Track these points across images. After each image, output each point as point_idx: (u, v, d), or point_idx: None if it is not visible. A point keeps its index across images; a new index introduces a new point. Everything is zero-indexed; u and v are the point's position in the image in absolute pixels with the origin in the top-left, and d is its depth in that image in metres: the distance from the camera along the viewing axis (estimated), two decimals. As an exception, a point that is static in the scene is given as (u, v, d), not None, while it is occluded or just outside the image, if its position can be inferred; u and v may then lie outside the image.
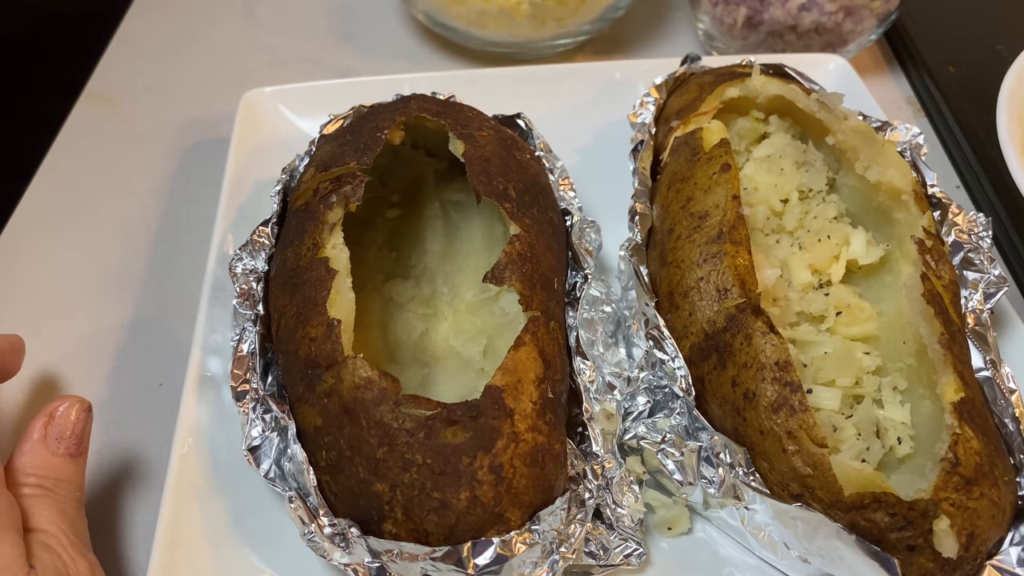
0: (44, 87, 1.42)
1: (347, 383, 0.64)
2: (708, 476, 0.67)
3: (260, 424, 0.70)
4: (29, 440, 0.68)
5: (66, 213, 1.08)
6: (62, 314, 0.97)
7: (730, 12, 1.19)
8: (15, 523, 0.61)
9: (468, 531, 0.61)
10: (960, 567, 0.61)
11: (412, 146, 0.93)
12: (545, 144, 0.92)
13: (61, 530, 0.64)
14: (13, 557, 0.58)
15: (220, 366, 0.81)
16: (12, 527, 0.60)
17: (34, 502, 0.65)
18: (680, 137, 0.88)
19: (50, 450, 0.68)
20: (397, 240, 0.91)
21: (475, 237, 0.89)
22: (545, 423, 0.65)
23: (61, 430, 0.69)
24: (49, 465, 0.67)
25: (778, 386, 0.64)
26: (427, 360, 0.82)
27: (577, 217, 0.84)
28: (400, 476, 0.61)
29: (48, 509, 0.65)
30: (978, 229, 0.81)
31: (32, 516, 0.64)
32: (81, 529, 0.67)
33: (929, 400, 0.70)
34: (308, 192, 0.80)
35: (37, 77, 1.44)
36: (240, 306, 0.76)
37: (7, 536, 0.59)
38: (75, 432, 0.69)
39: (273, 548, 0.72)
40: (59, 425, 0.69)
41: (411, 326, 0.84)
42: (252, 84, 1.10)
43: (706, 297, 0.72)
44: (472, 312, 0.83)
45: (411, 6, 1.26)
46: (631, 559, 0.69)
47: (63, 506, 0.66)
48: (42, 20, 1.50)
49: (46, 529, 0.64)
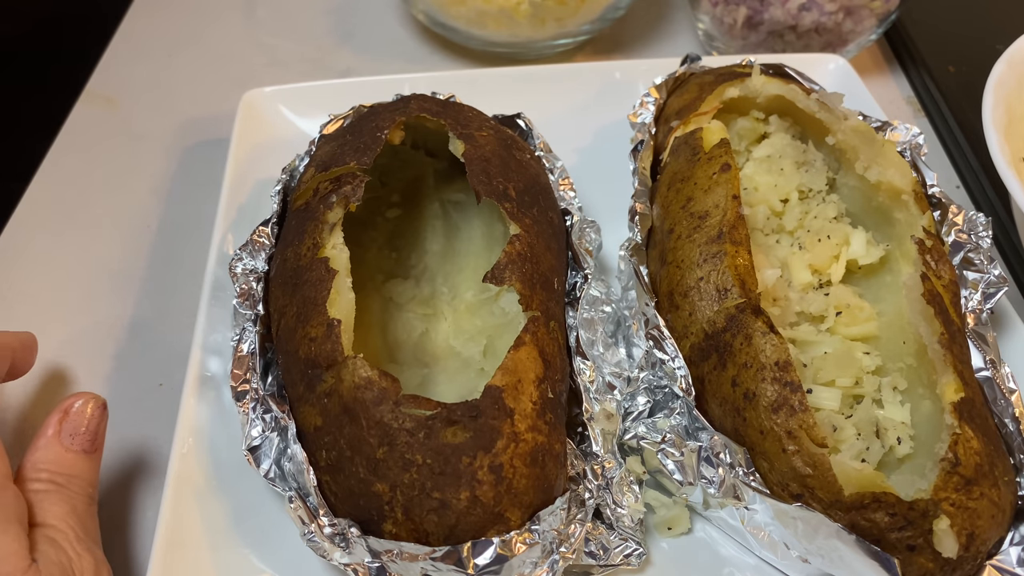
0: (44, 87, 1.42)
1: (347, 383, 0.64)
2: (708, 476, 0.67)
3: (260, 424, 0.70)
4: (44, 436, 0.68)
5: (66, 213, 1.08)
6: (62, 314, 0.97)
7: (730, 12, 1.19)
8: (20, 516, 0.61)
9: (468, 531, 0.61)
10: (960, 567, 0.61)
11: (412, 146, 0.93)
12: (545, 144, 0.92)
13: (69, 526, 0.64)
14: (14, 549, 0.58)
15: (220, 366, 0.81)
16: (16, 519, 0.60)
17: (44, 497, 0.65)
18: (680, 137, 0.88)
19: (64, 446, 0.68)
20: (397, 240, 0.91)
21: (475, 237, 0.89)
22: (545, 423, 0.65)
23: (76, 426, 0.69)
24: (63, 460, 0.68)
25: (778, 386, 0.64)
26: (427, 360, 0.82)
27: (577, 217, 0.84)
28: (400, 476, 0.61)
29: (58, 504, 0.65)
30: (978, 229, 0.81)
31: (41, 511, 0.64)
32: (91, 526, 0.68)
33: (929, 400, 0.70)
34: (308, 192, 0.80)
35: (38, 77, 1.44)
36: (240, 306, 0.76)
37: (10, 528, 0.59)
38: (89, 428, 0.70)
39: (273, 548, 0.72)
40: (74, 421, 0.69)
41: (411, 326, 0.84)
42: (252, 84, 1.10)
43: (706, 297, 0.72)
44: (472, 312, 0.83)
45: (411, 6, 1.26)
46: (631, 559, 0.69)
47: (74, 502, 0.66)
48: (42, 20, 1.50)
49: (53, 524, 0.64)
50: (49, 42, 1.49)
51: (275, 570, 0.70)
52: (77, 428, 0.69)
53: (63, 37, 1.49)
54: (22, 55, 1.46)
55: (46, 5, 1.51)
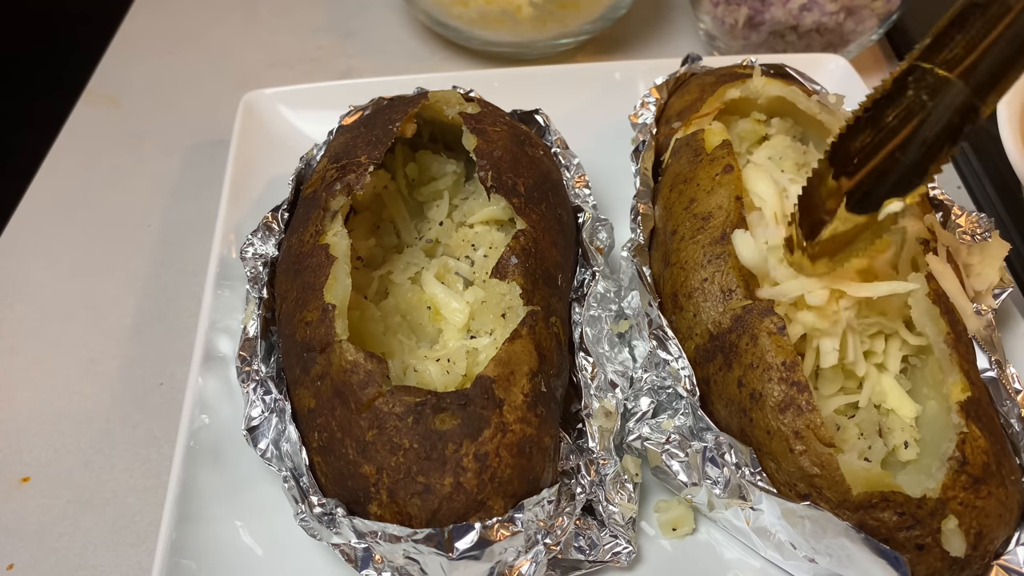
0: (45, 87, 1.42)
1: (336, 366, 0.65)
2: (713, 476, 0.67)
3: (260, 405, 0.71)
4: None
5: (66, 213, 1.08)
6: (62, 314, 0.97)
7: (731, 12, 1.19)
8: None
9: (450, 516, 0.62)
10: (968, 566, 0.61)
11: (430, 139, 0.93)
12: (562, 140, 0.93)
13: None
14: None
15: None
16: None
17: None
18: (681, 139, 0.88)
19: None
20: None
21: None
22: (536, 416, 0.66)
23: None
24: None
25: (785, 386, 0.64)
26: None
27: (590, 215, 0.84)
28: (387, 459, 0.62)
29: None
30: (980, 230, 0.81)
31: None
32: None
33: (935, 400, 0.70)
34: (317, 180, 0.81)
35: (38, 77, 1.44)
36: (252, 290, 0.78)
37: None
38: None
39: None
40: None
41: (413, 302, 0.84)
42: (253, 84, 1.10)
43: (710, 298, 0.72)
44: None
45: (412, 6, 1.25)
46: (621, 557, 0.69)
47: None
48: (43, 20, 1.50)
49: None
50: (50, 42, 1.49)
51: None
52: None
53: (64, 37, 1.49)
54: (23, 55, 1.46)
55: (48, 5, 1.51)
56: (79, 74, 1.28)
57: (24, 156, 1.17)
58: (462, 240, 0.84)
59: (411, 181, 0.90)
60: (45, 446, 0.85)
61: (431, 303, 0.79)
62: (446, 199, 0.88)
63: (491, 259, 0.81)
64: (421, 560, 0.62)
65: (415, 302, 0.80)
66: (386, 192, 0.88)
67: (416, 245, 0.87)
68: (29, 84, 1.43)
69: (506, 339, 0.67)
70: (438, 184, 0.89)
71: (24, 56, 1.46)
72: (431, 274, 0.81)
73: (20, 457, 0.84)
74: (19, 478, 0.83)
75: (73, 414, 0.88)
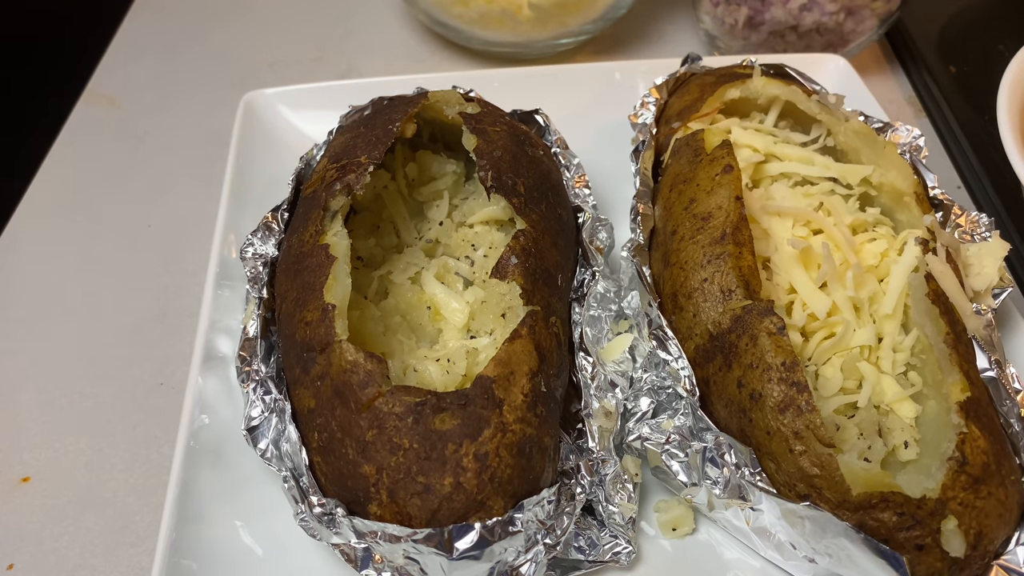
0: (45, 87, 1.42)
1: (335, 366, 0.65)
2: (713, 476, 0.67)
3: (260, 405, 0.71)
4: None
5: (66, 213, 1.08)
6: (62, 314, 0.97)
7: (731, 12, 1.19)
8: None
9: (450, 516, 0.61)
10: (968, 566, 0.61)
11: (430, 139, 0.93)
12: (562, 140, 0.93)
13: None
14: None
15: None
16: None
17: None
18: (681, 139, 0.88)
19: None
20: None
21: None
22: (535, 416, 0.66)
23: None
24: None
25: (784, 386, 0.64)
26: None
27: (590, 215, 0.84)
28: (387, 459, 0.62)
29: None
30: (980, 230, 0.81)
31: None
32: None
33: (934, 400, 0.70)
34: (317, 180, 0.81)
35: (39, 77, 1.44)
36: (252, 290, 0.78)
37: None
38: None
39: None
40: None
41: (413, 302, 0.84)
42: (252, 84, 1.10)
43: (710, 298, 0.72)
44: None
45: (412, 6, 1.25)
46: (620, 557, 0.69)
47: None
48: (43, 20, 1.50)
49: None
50: (50, 42, 1.49)
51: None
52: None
53: (64, 37, 1.49)
54: (24, 55, 1.46)
55: (47, 5, 1.51)
56: (79, 74, 1.28)
57: (24, 156, 1.17)
58: (462, 240, 0.84)
59: (411, 181, 0.90)
60: (45, 446, 0.85)
61: (431, 303, 0.79)
62: (446, 199, 0.88)
63: (491, 259, 0.81)
64: (421, 560, 0.62)
65: (415, 302, 0.80)
66: (386, 192, 0.88)
67: (416, 245, 0.87)
68: (29, 84, 1.43)
69: (506, 339, 0.67)
70: (438, 184, 0.89)
71: (24, 56, 1.46)
72: (431, 274, 0.81)
73: (20, 457, 0.84)
74: (19, 478, 0.83)
75: (73, 414, 0.88)
